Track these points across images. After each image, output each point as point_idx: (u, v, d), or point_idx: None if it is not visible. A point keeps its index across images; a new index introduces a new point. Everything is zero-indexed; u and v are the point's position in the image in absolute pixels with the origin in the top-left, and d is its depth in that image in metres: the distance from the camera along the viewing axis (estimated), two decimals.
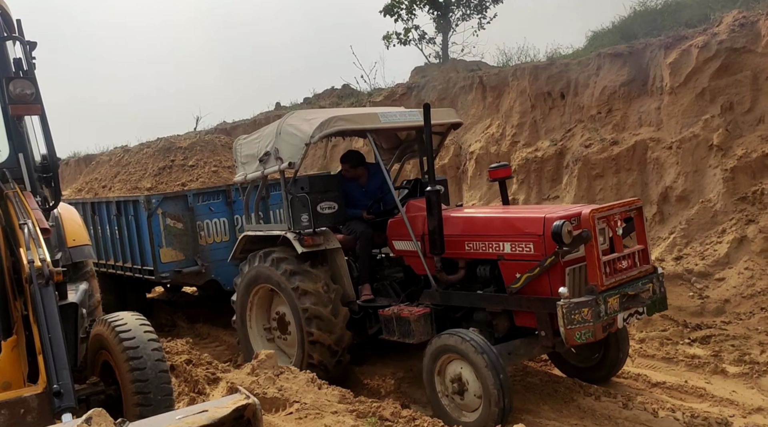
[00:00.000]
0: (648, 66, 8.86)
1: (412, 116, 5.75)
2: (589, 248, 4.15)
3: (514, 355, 4.54)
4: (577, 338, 4.06)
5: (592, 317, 4.03)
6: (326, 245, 5.47)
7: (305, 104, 16.66)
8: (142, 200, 7.25)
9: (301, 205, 5.47)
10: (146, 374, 3.32)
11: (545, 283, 4.39)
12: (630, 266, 4.41)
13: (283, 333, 5.79)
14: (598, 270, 4.12)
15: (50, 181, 4.29)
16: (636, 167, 8.65)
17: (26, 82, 3.69)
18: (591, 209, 4.19)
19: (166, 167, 8.85)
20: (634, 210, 4.52)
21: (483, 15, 14.26)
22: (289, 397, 4.19)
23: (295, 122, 5.62)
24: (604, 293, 4.12)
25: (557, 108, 10.22)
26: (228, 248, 7.12)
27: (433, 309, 4.97)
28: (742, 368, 5.10)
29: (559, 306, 4.05)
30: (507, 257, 4.62)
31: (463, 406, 4.42)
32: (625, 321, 4.29)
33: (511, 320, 4.75)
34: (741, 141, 7.46)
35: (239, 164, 6.40)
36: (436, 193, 4.81)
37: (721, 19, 8.08)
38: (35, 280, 2.96)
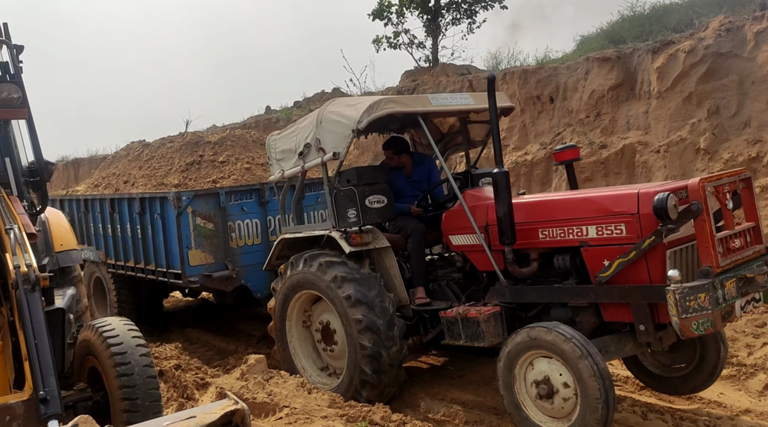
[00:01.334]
0: (636, 70, 8.95)
1: (464, 100, 5.21)
2: (700, 223, 3.58)
3: (604, 353, 3.87)
4: (694, 329, 3.51)
5: (711, 304, 3.47)
6: (375, 243, 4.95)
7: (296, 108, 16.65)
8: (171, 197, 6.62)
9: (347, 199, 4.95)
10: (134, 379, 3.30)
11: (642, 269, 3.82)
12: (743, 246, 3.84)
13: (329, 344, 5.21)
14: (712, 249, 3.55)
15: (37, 185, 4.27)
16: (624, 171, 8.73)
17: (13, 86, 3.66)
18: (700, 178, 3.65)
19: (194, 163, 8.16)
20: (743, 181, 3.97)
21: (473, 19, 14.33)
22: (279, 402, 4.18)
23: (337, 109, 5.14)
24: (720, 276, 3.57)
25: (546, 112, 10.29)
26: (260, 251, 6.68)
27: (503, 307, 4.44)
28: (730, 370, 5.14)
29: (670, 292, 3.50)
30: (592, 242, 4.02)
31: (549, 411, 3.88)
32: (743, 309, 3.74)
33: (598, 315, 4.15)
34: (727, 145, 7.54)
35: (274, 161, 5.88)
36: (505, 175, 4.26)
37: (708, 24, 8.19)
38: (21, 285, 2.93)
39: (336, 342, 5.12)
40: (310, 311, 5.43)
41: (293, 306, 5.38)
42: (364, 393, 4.73)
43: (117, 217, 7.76)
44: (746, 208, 4.03)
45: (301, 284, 5.18)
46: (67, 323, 3.69)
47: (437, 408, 4.83)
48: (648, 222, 3.75)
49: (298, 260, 5.21)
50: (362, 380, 4.74)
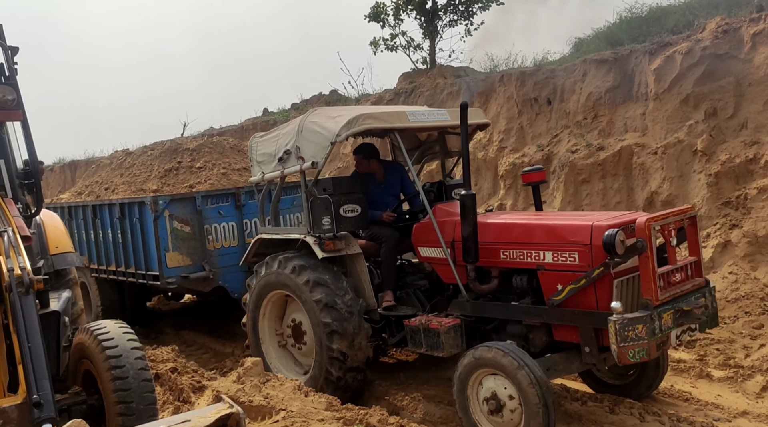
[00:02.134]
0: (633, 72, 8.95)
1: (440, 116, 5.45)
2: (644, 259, 3.82)
3: (552, 370, 4.19)
4: (630, 357, 3.75)
5: (647, 335, 3.73)
6: (348, 249, 5.18)
7: (293, 110, 16.64)
8: (148, 202, 6.89)
9: (323, 207, 5.16)
10: (129, 383, 3.27)
11: (591, 296, 4.08)
12: (683, 279, 4.10)
13: (298, 342, 5.49)
14: (653, 284, 3.81)
15: (32, 187, 4.24)
16: (622, 172, 8.73)
17: (7, 88, 3.65)
18: (647, 217, 3.87)
19: (172, 169, 8.41)
20: (688, 219, 4.19)
21: (470, 21, 14.33)
22: (275, 405, 4.15)
23: (318, 120, 5.32)
24: (658, 308, 3.82)
25: (544, 114, 10.29)
26: (236, 253, 6.89)
27: (463, 320, 4.66)
28: (727, 372, 5.14)
29: (612, 322, 3.74)
30: (548, 266, 4.28)
31: (498, 424, 4.09)
32: (678, 339, 4.00)
33: (549, 334, 4.41)
34: (724, 146, 7.55)
35: (255, 163, 6.06)
36: (472, 198, 4.49)
37: (705, 26, 8.19)
38: (15, 288, 2.91)
39: (305, 341, 5.38)
40: (282, 308, 5.66)
41: (266, 303, 5.62)
42: (328, 391, 4.88)
43: (99, 223, 8.03)
44: (690, 244, 4.27)
45: (275, 283, 5.41)
46: (62, 325, 3.67)
47: (434, 411, 4.84)
48: (599, 253, 4.00)
49: (273, 261, 5.42)
50: (327, 379, 5.00)
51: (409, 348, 4.89)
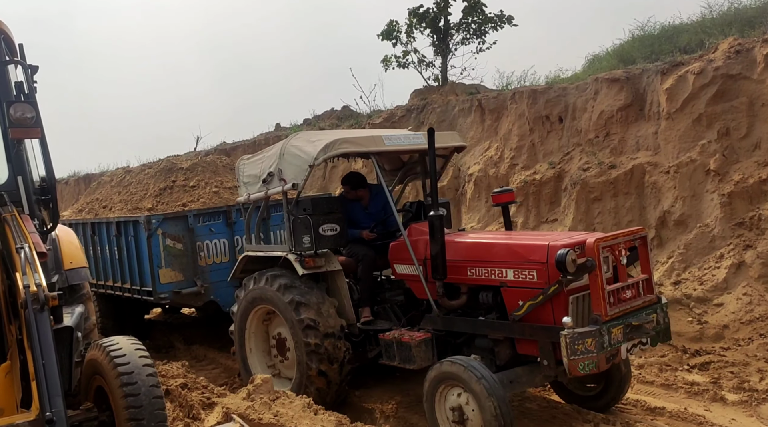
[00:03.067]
0: (645, 91, 8.94)
1: (417, 139, 5.74)
2: (593, 277, 4.09)
3: (516, 383, 4.46)
4: (580, 369, 3.99)
5: (596, 348, 3.97)
6: (327, 266, 5.46)
7: (305, 125, 16.75)
8: (142, 220, 7.23)
9: (303, 226, 5.44)
10: (140, 400, 3.29)
11: (548, 311, 4.33)
12: (634, 296, 4.34)
13: (282, 356, 5.76)
14: (602, 300, 4.06)
15: (48, 203, 4.30)
16: (634, 191, 8.68)
17: (27, 106, 3.71)
18: (596, 238, 4.13)
19: (167, 188, 8.81)
20: (639, 239, 4.45)
21: (482, 40, 14.40)
22: (285, 423, 4.15)
23: (298, 144, 5.63)
24: (608, 324, 4.05)
25: (555, 131, 10.29)
26: (228, 269, 7.06)
27: (434, 334, 4.92)
28: (742, 396, 5.06)
29: (563, 336, 3.99)
30: (510, 283, 4.56)
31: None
32: (629, 352, 4.23)
33: (513, 348, 4.67)
34: (738, 166, 7.50)
35: (242, 184, 6.41)
36: (440, 219, 4.77)
37: (717, 46, 8.19)
38: (30, 305, 2.95)
39: (288, 356, 5.66)
40: (267, 320, 5.97)
41: (253, 316, 5.92)
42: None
43: (97, 240, 8.34)
44: (642, 263, 4.51)
45: (262, 298, 5.70)
46: (75, 341, 3.69)
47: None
48: (554, 271, 4.23)
49: (261, 276, 5.71)
50: (308, 376, 5.25)
51: (383, 361, 5.13)
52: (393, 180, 6.60)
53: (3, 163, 4.31)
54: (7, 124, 3.71)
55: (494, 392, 4.02)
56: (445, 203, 6.11)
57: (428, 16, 14.32)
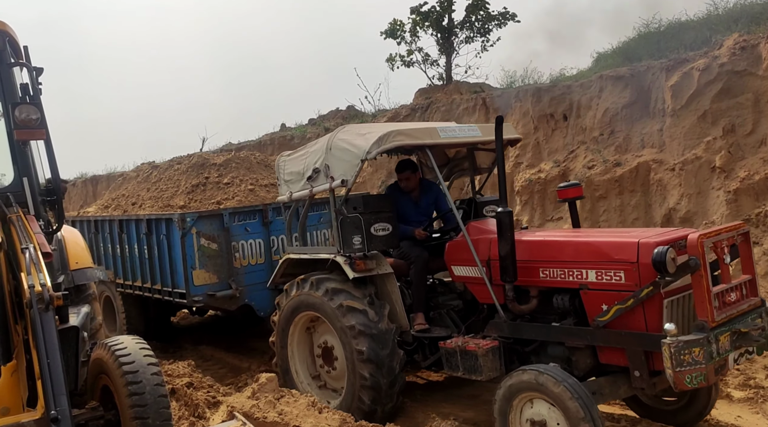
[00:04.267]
0: (650, 88, 8.92)
1: (471, 131, 5.36)
2: (697, 278, 3.64)
3: (598, 395, 3.96)
4: (687, 382, 3.57)
5: (705, 358, 3.53)
6: (378, 269, 5.09)
7: (310, 125, 16.79)
8: (176, 219, 6.82)
9: (353, 226, 5.04)
10: (145, 398, 3.32)
11: (639, 316, 3.91)
12: (738, 299, 3.89)
13: (329, 365, 5.36)
14: (708, 304, 3.63)
15: (54, 204, 4.33)
16: (639, 189, 8.66)
17: (32, 108, 3.74)
18: (699, 234, 3.69)
19: (199, 184, 8.33)
20: (741, 235, 4.01)
21: (486, 38, 14.41)
22: (290, 421, 4.17)
23: (347, 137, 5.28)
24: (714, 330, 3.63)
25: (560, 129, 10.28)
26: (263, 271, 6.83)
27: (501, 342, 4.52)
28: (747, 393, 5.04)
29: (666, 345, 3.57)
30: (591, 286, 4.12)
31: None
32: (736, 362, 3.80)
33: (594, 357, 4.23)
34: (743, 163, 7.47)
35: (282, 182, 6.03)
36: (509, 215, 4.39)
37: (722, 42, 8.15)
38: (35, 305, 2.97)
39: (335, 366, 5.25)
40: (312, 328, 5.56)
41: (297, 323, 5.51)
42: (359, 417, 4.73)
43: (125, 238, 7.94)
44: (743, 262, 4.07)
45: (306, 304, 5.29)
46: (81, 341, 3.72)
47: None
48: (646, 272, 3.82)
49: (305, 282, 5.30)
50: (359, 408, 4.85)
51: (445, 371, 4.74)
52: (441, 177, 5.90)
53: (9, 164, 4.35)
54: (13, 125, 3.75)
55: (589, 409, 3.60)
56: (496, 201, 5.48)
57: (432, 15, 14.33)
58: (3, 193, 4.05)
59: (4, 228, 3.66)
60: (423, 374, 6.19)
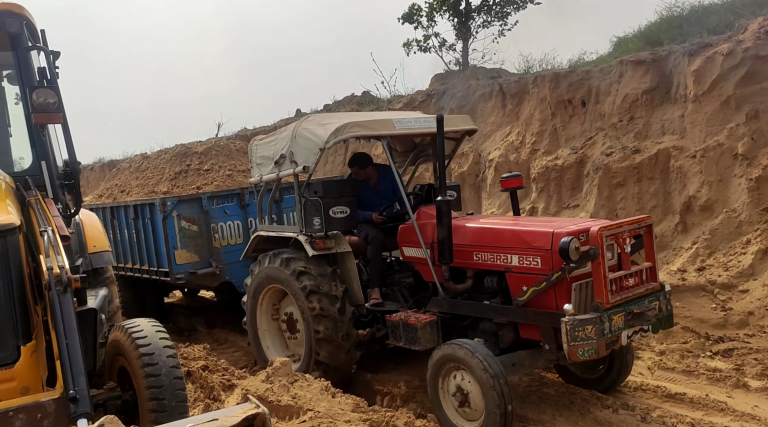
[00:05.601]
0: (671, 73, 8.75)
1: (427, 123, 5.76)
2: (596, 265, 4.14)
3: (518, 366, 4.56)
4: (579, 355, 4.06)
5: (596, 335, 4.03)
6: (337, 248, 5.55)
7: (325, 111, 16.75)
8: (157, 203, 7.42)
9: (313, 208, 5.53)
10: (161, 380, 3.36)
11: (551, 297, 4.40)
12: (637, 284, 4.37)
13: (292, 333, 5.87)
14: (604, 288, 4.12)
15: (72, 188, 4.37)
16: (659, 176, 8.54)
17: (49, 92, 3.76)
18: (600, 226, 4.17)
19: (182, 171, 8.97)
20: (644, 228, 4.48)
21: (504, 22, 14.22)
22: (303, 405, 4.20)
23: (310, 127, 5.69)
24: (609, 311, 4.11)
25: (578, 116, 10.14)
26: (241, 250, 7.20)
27: (439, 317, 4.99)
28: (765, 383, 4.98)
29: (563, 323, 4.06)
30: (514, 269, 4.62)
31: (465, 415, 4.42)
32: (629, 338, 4.28)
33: (516, 332, 4.74)
34: (766, 150, 7.32)
35: (254, 165, 6.49)
36: (447, 204, 4.85)
37: (747, 26, 7.96)
38: (54, 287, 3.01)
39: (298, 330, 5.73)
40: (278, 305, 6.05)
41: (262, 299, 6.02)
42: (317, 373, 5.21)
43: (116, 223, 8.55)
44: (646, 251, 4.52)
45: (268, 278, 5.82)
46: (99, 323, 3.77)
47: None
48: (558, 258, 4.27)
49: (264, 258, 5.87)
50: (316, 361, 5.32)
51: (389, 342, 5.21)
52: (405, 161, 6.63)
53: (27, 148, 4.39)
54: (30, 109, 3.78)
55: (495, 372, 4.11)
56: (455, 186, 6.18)
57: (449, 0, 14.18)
58: (22, 177, 4.10)
59: (23, 211, 3.70)
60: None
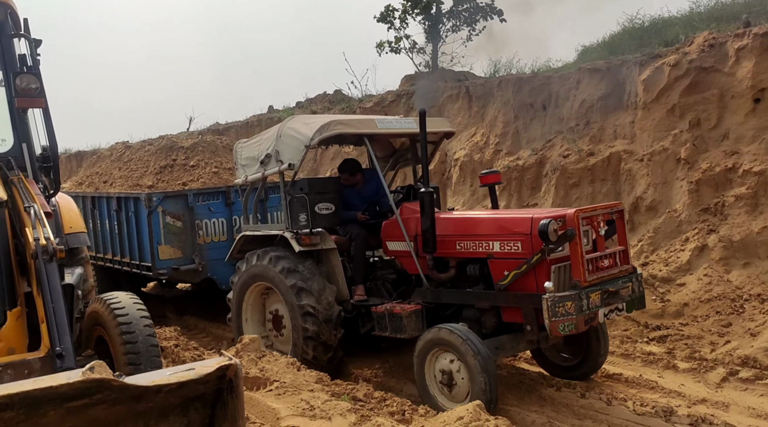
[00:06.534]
0: (624, 81, 9.29)
1: (408, 124, 6.02)
2: (573, 245, 4.39)
3: (501, 350, 4.76)
4: (560, 330, 4.27)
5: (575, 311, 4.25)
6: (322, 244, 5.66)
7: (298, 108, 16.98)
8: (143, 198, 7.39)
9: (299, 205, 5.66)
10: (138, 347, 3.64)
11: (531, 280, 4.62)
12: (611, 265, 4.64)
13: (278, 331, 5.95)
14: (581, 267, 4.36)
15: (50, 170, 4.60)
16: (610, 178, 9.06)
17: (32, 77, 4.01)
18: (575, 210, 4.47)
19: (167, 166, 8.99)
20: (616, 213, 4.75)
21: (472, 27, 14.67)
22: (270, 376, 4.51)
23: (295, 126, 5.86)
24: (586, 289, 4.35)
25: (539, 119, 10.63)
26: (225, 247, 7.27)
27: (424, 306, 5.17)
28: (692, 364, 5.49)
29: (545, 299, 4.28)
30: (496, 255, 4.83)
31: (451, 397, 4.61)
32: (606, 317, 4.53)
33: (498, 317, 4.94)
34: (706, 155, 7.89)
35: (239, 166, 6.62)
36: (430, 195, 5.05)
37: (693, 39, 8.53)
38: (41, 256, 3.28)
39: (284, 326, 5.83)
40: (265, 294, 6.12)
41: (248, 297, 6.10)
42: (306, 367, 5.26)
43: (97, 213, 8.55)
44: (618, 235, 4.80)
45: (255, 275, 5.90)
46: (75, 298, 4.02)
47: None
48: (538, 242, 4.53)
49: (252, 256, 5.93)
50: (303, 359, 5.38)
51: (375, 332, 5.36)
52: (384, 166, 6.82)
53: (9, 130, 4.59)
54: (13, 93, 4.01)
55: (481, 354, 4.32)
56: (435, 188, 6.23)
57: (421, 3, 14.57)
58: (4, 158, 4.31)
59: (6, 189, 3.93)
60: None
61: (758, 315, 6.17)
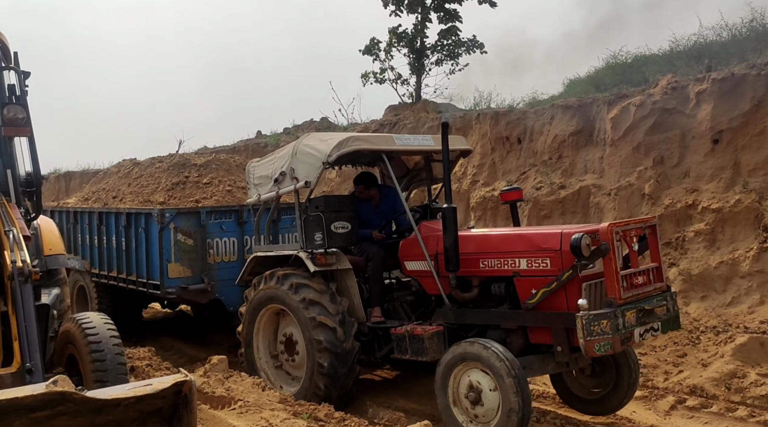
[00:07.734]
0: (594, 119, 9.70)
1: (426, 141, 5.91)
2: (607, 261, 4.20)
3: (528, 370, 4.51)
4: (596, 350, 4.10)
5: (611, 330, 4.08)
6: (338, 265, 5.50)
7: (284, 134, 17.32)
8: (155, 213, 7.24)
9: (315, 224, 5.49)
10: (106, 365, 3.84)
11: (562, 298, 4.42)
12: (645, 283, 4.46)
13: (291, 355, 5.76)
14: (616, 283, 4.17)
15: (32, 195, 4.84)
16: (580, 210, 9.40)
17: (19, 108, 4.28)
18: (609, 224, 4.30)
19: (179, 183, 8.76)
20: (649, 228, 4.58)
21: (456, 61, 15.16)
22: (235, 396, 4.71)
23: (311, 142, 5.78)
24: (622, 307, 4.18)
25: (514, 152, 11.00)
26: (235, 268, 7.14)
27: (446, 327, 4.97)
28: (644, 392, 5.73)
29: (579, 318, 4.09)
30: (523, 273, 4.64)
31: (477, 416, 4.42)
32: (642, 337, 4.37)
33: (525, 337, 4.75)
34: (668, 192, 8.25)
35: (252, 186, 6.53)
36: (453, 211, 4.85)
37: (657, 82, 8.96)
38: (17, 277, 3.50)
39: (297, 352, 5.68)
40: (276, 320, 5.99)
41: (262, 316, 5.96)
42: (321, 393, 5.27)
43: (104, 229, 8.33)
44: (651, 251, 4.68)
45: (272, 297, 5.74)
46: (50, 318, 4.26)
47: (382, 414, 5.36)
48: (568, 258, 4.36)
49: (272, 276, 5.75)
50: (315, 394, 5.31)
51: (395, 356, 5.21)
52: (396, 181, 6.42)
53: None
54: (1, 122, 4.27)
55: (515, 371, 4.14)
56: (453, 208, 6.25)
57: (406, 36, 15.06)
58: None
59: None
60: (380, 373, 6.73)
61: (711, 347, 6.44)
